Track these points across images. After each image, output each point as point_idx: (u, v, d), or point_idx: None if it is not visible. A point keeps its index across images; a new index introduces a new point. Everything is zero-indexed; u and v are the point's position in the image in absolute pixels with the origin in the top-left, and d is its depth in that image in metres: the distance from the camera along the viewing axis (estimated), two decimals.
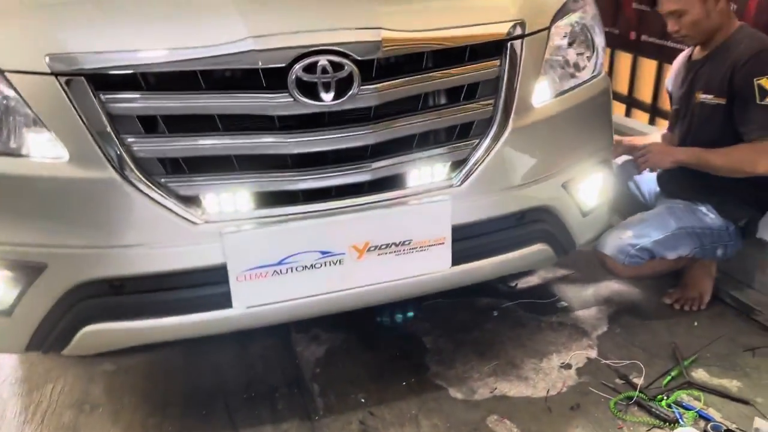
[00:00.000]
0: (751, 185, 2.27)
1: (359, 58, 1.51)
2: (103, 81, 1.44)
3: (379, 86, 1.56)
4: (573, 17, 1.90)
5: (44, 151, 1.46)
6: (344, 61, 1.50)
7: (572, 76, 1.91)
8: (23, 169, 1.46)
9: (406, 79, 1.60)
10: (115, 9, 1.53)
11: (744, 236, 2.38)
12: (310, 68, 1.48)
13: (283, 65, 1.47)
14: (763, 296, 2.41)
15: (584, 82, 1.93)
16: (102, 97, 1.43)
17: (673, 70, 2.57)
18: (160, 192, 1.49)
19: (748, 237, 2.38)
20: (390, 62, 1.62)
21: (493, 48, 1.70)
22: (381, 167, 1.62)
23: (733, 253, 2.38)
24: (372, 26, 1.54)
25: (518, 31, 1.71)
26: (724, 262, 2.46)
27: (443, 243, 1.71)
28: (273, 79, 1.49)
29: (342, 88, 1.51)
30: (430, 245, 1.69)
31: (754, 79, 2.10)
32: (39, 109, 1.43)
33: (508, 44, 1.70)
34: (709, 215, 2.32)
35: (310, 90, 1.50)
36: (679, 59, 2.53)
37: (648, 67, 3.65)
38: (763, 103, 2.09)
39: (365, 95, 1.54)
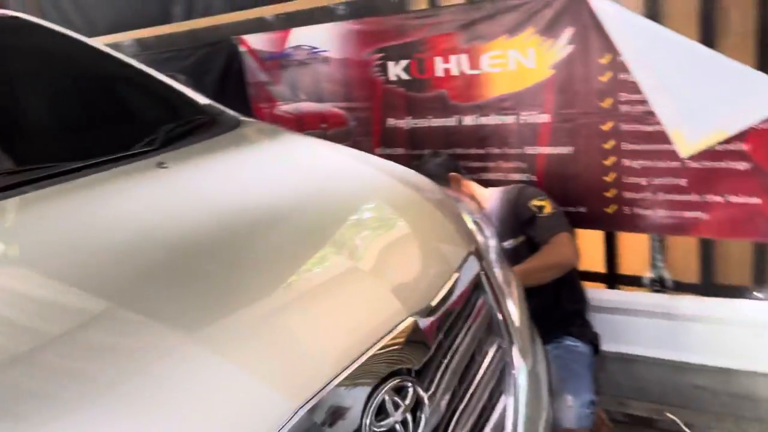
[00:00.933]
0: (579, 300, 2.47)
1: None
2: None
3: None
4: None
5: None
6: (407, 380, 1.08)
7: None
8: None
9: None
10: None
11: (596, 353, 2.43)
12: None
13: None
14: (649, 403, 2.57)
15: None
16: None
17: None
18: None
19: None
20: None
21: None
22: None
23: None
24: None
25: None
26: None
27: None
28: None
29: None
30: None
31: (529, 204, 2.38)
32: None
33: None
34: (578, 345, 2.36)
35: None
36: None
37: None
38: (543, 214, 2.36)
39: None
